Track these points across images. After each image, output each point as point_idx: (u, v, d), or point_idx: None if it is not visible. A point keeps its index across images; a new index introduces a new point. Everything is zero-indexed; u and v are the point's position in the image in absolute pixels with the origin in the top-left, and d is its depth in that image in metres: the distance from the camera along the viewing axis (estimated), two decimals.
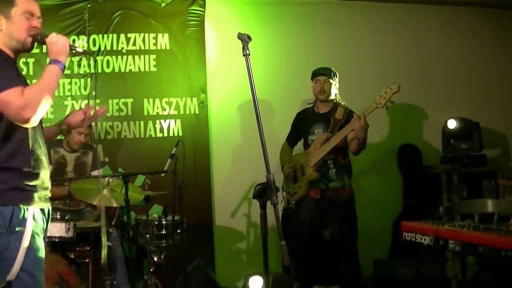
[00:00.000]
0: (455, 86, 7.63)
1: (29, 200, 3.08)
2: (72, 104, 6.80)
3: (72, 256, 5.10)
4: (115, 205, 5.27)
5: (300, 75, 6.35)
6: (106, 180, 5.29)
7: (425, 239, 4.26)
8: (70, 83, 6.90)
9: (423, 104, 7.54)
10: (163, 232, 5.58)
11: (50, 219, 3.31)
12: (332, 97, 5.81)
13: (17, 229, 3.01)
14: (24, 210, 3.04)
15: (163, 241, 5.59)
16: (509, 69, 7.83)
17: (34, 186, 3.12)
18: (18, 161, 3.08)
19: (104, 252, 4.91)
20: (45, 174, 3.21)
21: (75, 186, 5.58)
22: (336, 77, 5.82)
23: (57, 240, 4.86)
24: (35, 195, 3.12)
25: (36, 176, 3.14)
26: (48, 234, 4.71)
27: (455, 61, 7.67)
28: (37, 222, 3.12)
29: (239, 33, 2.95)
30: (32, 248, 3.06)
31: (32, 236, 3.06)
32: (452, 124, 7.04)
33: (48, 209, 3.26)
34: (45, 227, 3.23)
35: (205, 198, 6.94)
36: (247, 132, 6.95)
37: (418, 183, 7.23)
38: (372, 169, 7.28)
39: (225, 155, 7.09)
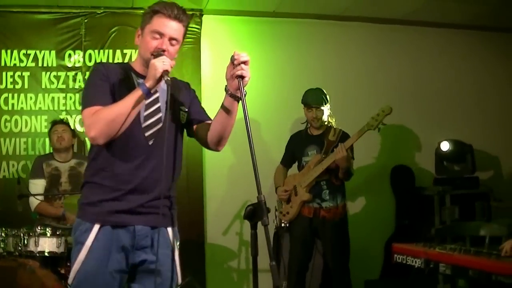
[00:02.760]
0: (449, 107, 7.67)
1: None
2: (66, 118, 6.80)
3: (62, 271, 5.08)
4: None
5: (294, 93, 6.37)
6: None
7: (416, 261, 4.28)
8: (65, 97, 6.93)
9: (416, 125, 7.56)
10: None
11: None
12: (325, 119, 5.85)
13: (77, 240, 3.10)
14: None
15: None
16: (503, 91, 7.88)
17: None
18: (99, 177, 3.15)
19: None
20: None
21: (69, 201, 5.57)
22: (328, 101, 5.86)
23: (48, 255, 4.84)
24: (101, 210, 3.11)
25: None
26: (38, 249, 4.76)
27: (449, 82, 7.72)
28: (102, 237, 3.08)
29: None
30: (83, 261, 3.05)
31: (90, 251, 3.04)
32: (445, 146, 7.07)
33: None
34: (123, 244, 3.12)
35: (197, 215, 6.93)
36: (240, 151, 6.88)
37: (411, 204, 7.25)
38: (365, 189, 7.30)
39: (218, 173, 7.08)
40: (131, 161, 3.14)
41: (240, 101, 2.91)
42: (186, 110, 3.36)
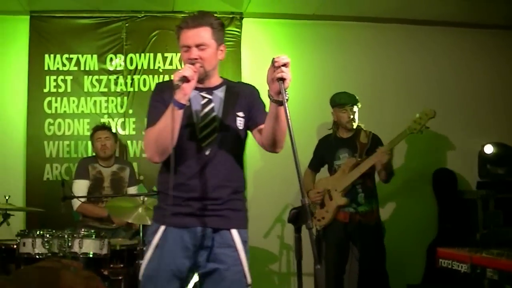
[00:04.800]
0: (493, 110, 7.54)
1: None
2: (109, 122, 6.87)
3: (105, 273, 5.11)
4: (150, 223, 5.26)
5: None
6: (141, 199, 5.31)
7: (461, 266, 4.21)
8: (107, 101, 7.01)
9: (459, 128, 7.44)
10: None
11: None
12: (354, 124, 5.82)
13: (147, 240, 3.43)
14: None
15: None
16: None
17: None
18: (164, 188, 3.33)
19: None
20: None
21: (111, 204, 5.65)
22: (359, 102, 5.81)
23: (91, 256, 4.87)
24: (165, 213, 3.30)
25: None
26: (82, 251, 4.81)
27: (493, 85, 7.59)
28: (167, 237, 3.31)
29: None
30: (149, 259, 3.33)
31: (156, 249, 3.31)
32: (489, 149, 6.96)
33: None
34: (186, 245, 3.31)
35: None
36: (280, 154, 6.91)
37: (453, 208, 7.14)
38: (406, 193, 7.21)
39: (259, 175, 7.08)
40: (190, 171, 3.30)
41: (283, 105, 2.90)
42: (243, 116, 3.40)
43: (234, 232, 3.34)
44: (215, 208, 3.29)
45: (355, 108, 5.76)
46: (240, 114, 3.40)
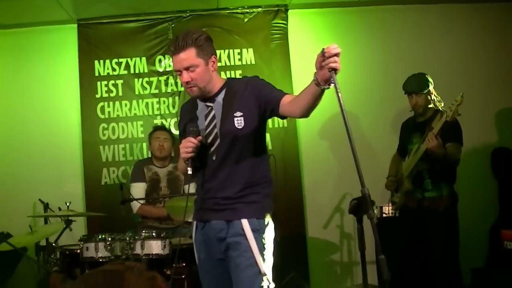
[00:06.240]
0: None
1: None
2: (162, 122, 6.93)
3: (168, 272, 5.14)
4: None
5: (386, 82, 6.26)
6: None
7: None
8: (159, 102, 7.07)
9: None
10: None
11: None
12: (430, 105, 5.63)
13: None
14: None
15: None
16: None
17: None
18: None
19: None
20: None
21: (169, 205, 5.70)
22: (429, 85, 5.60)
23: (154, 257, 4.92)
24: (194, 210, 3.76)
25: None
26: (145, 252, 4.87)
27: None
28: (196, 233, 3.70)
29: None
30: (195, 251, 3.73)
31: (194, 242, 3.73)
32: None
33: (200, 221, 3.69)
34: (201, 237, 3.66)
35: (297, 210, 6.93)
36: (336, 143, 6.90)
37: None
38: (465, 174, 7.08)
39: (315, 166, 7.05)
40: (205, 176, 3.58)
41: (336, 96, 2.84)
42: (241, 114, 3.48)
43: (244, 222, 3.44)
44: (226, 203, 3.49)
45: (424, 94, 5.57)
46: (237, 114, 3.48)
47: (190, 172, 3.46)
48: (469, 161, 6.94)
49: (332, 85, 2.86)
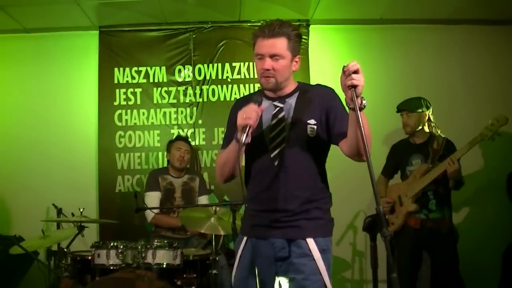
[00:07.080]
0: None
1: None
2: (178, 132, 6.94)
3: (179, 283, 5.14)
4: (222, 233, 5.25)
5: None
6: (213, 209, 5.33)
7: None
8: (176, 112, 7.08)
9: None
10: None
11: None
12: (426, 129, 5.72)
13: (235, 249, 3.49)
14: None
15: None
16: None
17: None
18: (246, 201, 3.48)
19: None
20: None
21: (183, 215, 5.69)
22: (422, 107, 5.68)
23: (165, 267, 4.91)
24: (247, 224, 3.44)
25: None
26: (156, 261, 4.86)
27: None
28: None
29: None
30: (236, 267, 3.41)
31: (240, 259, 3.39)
32: None
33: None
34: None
35: None
36: (351, 160, 6.85)
37: None
38: (480, 197, 7.04)
39: (331, 182, 7.00)
40: (261, 184, 3.31)
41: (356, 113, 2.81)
42: (315, 123, 3.28)
43: (310, 241, 3.20)
44: (287, 219, 3.23)
45: (415, 114, 5.68)
46: (311, 121, 3.27)
47: (245, 139, 2.98)
48: (484, 184, 6.92)
49: (365, 102, 2.85)
